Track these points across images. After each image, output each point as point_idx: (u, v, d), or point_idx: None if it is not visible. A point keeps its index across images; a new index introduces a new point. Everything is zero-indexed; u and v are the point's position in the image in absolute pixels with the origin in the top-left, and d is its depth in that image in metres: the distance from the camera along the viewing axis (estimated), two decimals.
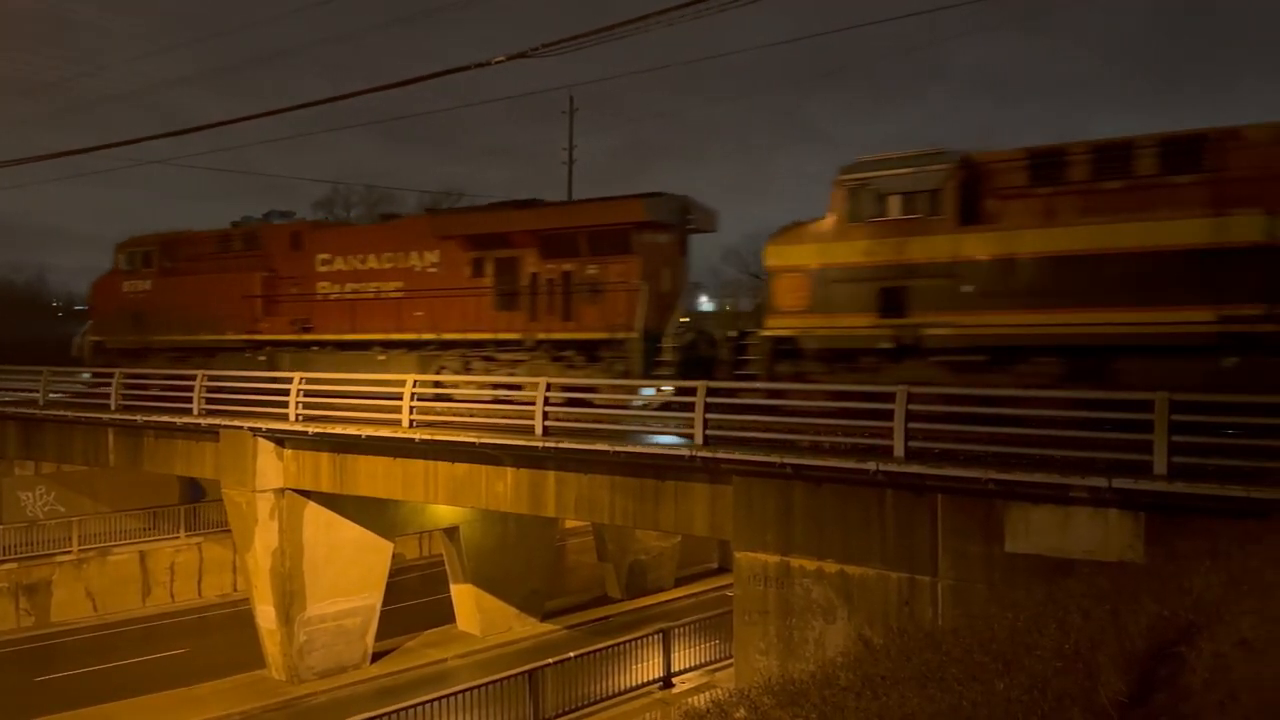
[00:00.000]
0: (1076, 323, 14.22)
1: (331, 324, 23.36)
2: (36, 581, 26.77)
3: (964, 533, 13.06)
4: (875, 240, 15.92)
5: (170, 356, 26.05)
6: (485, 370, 20.67)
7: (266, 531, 21.71)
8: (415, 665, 23.79)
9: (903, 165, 15.89)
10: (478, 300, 20.98)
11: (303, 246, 24.38)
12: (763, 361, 17.04)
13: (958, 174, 15.41)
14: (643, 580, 30.03)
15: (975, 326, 14.99)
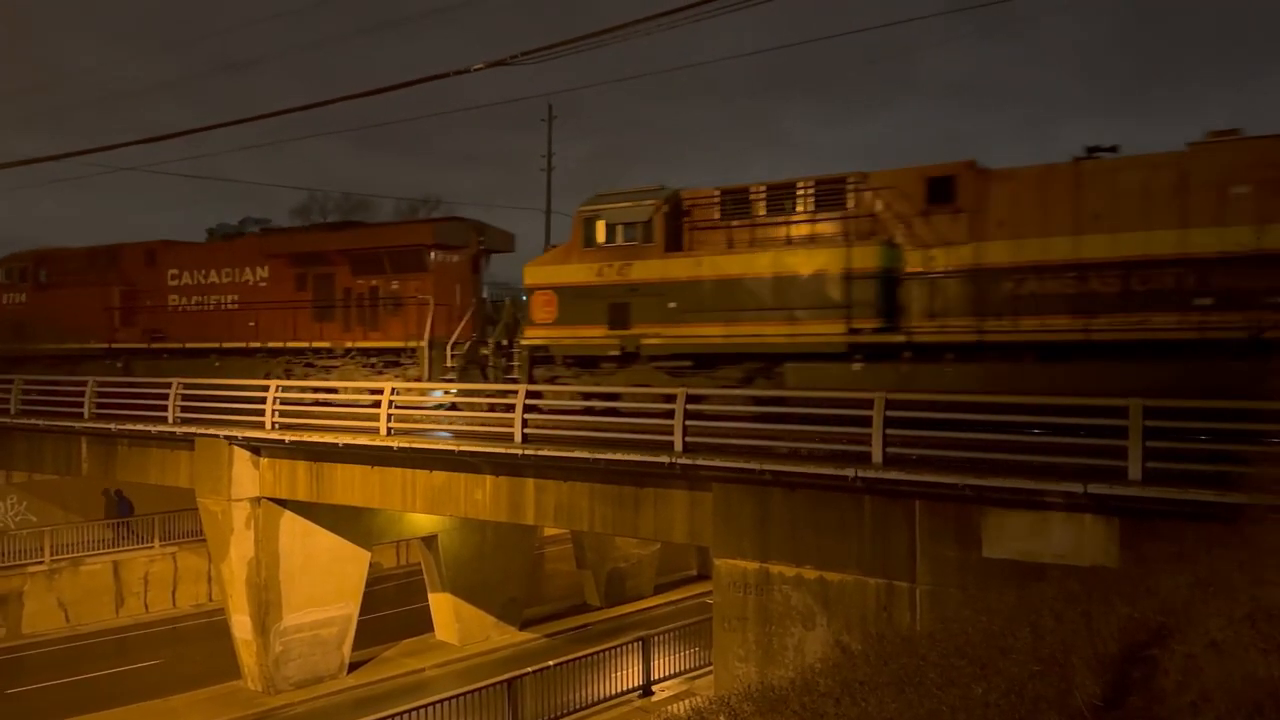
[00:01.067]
0: (751, 334, 16.98)
1: (179, 333, 25.80)
2: (7, 592, 26.39)
3: (941, 538, 13.17)
4: (604, 263, 18.68)
5: (44, 364, 27.88)
6: (304, 375, 22.98)
7: (242, 541, 21.53)
8: (393, 675, 23.65)
9: (624, 200, 18.73)
10: (297, 312, 23.54)
11: (156, 263, 26.67)
12: (523, 367, 19.64)
13: (664, 209, 18.18)
14: (622, 588, 30.01)
15: (679, 337, 17.78)
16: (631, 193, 18.86)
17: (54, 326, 27.74)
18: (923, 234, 15.93)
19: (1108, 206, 14.49)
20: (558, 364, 19.33)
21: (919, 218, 15.99)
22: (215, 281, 25.38)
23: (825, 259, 16.36)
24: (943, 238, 15.75)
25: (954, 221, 15.71)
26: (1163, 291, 13.99)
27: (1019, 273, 15.05)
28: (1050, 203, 15.00)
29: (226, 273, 25.25)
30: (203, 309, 25.51)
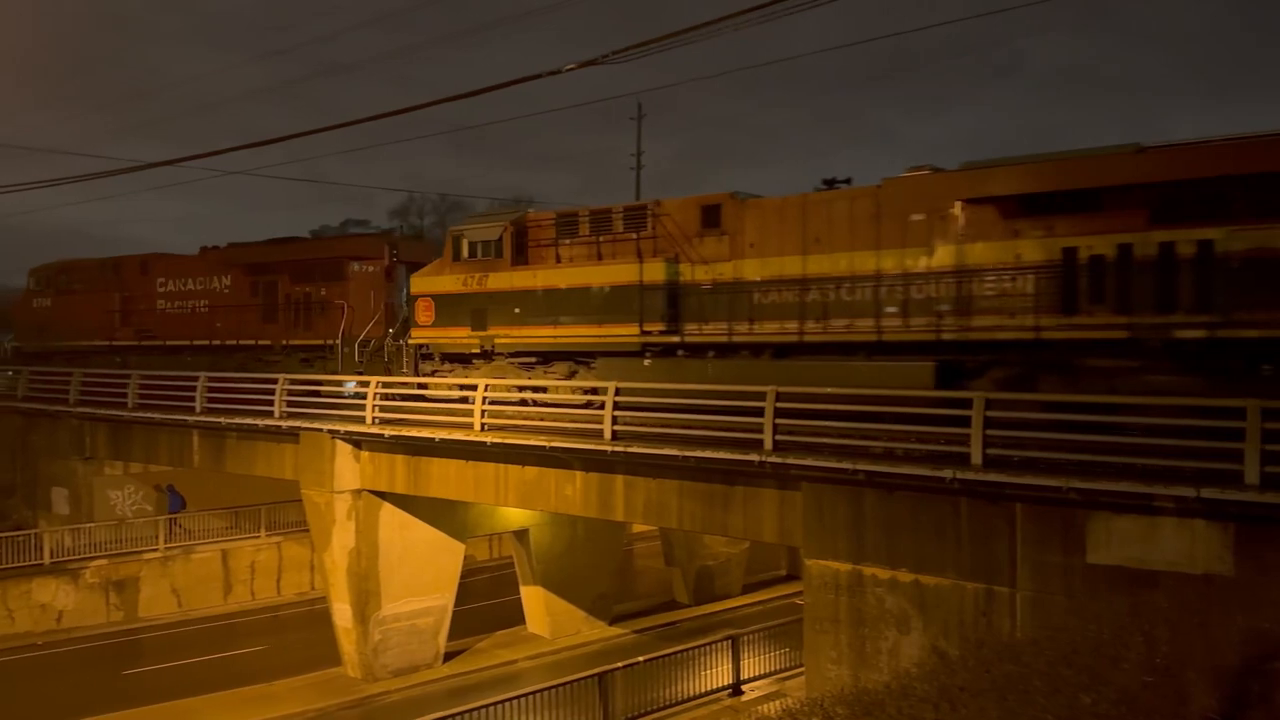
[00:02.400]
0: (572, 335, 20.42)
1: (164, 332, 30.32)
2: (125, 578, 27.76)
3: (1044, 543, 12.77)
4: (467, 275, 22.06)
5: (62, 358, 32.03)
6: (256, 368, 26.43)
7: (344, 531, 22.22)
8: (486, 666, 24.09)
9: (481, 222, 22.51)
10: (250, 314, 28.16)
11: (148, 273, 31.30)
12: (411, 362, 23.11)
13: (510, 229, 21.51)
14: (710, 586, 29.95)
15: (523, 337, 21.23)
16: (488, 215, 23.17)
17: (70, 326, 32.26)
18: (697, 253, 19.21)
19: (825, 232, 17.55)
20: (436, 360, 22.98)
21: (695, 239, 19.23)
22: (192, 288, 30.24)
23: (625, 273, 19.77)
24: (711, 256, 18.97)
25: (719, 243, 18.97)
26: (863, 301, 17.07)
27: (764, 285, 18.26)
28: (786, 228, 18.10)
29: (200, 281, 30.04)
30: (182, 312, 30.30)
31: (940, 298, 16.22)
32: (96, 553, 27.73)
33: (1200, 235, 14.05)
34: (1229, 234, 13.83)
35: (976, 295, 15.87)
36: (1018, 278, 15.49)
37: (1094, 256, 14.88)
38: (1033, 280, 15.32)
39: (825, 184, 18.44)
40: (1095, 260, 14.87)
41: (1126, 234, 14.68)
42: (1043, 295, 15.22)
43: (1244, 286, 13.61)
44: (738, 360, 18.56)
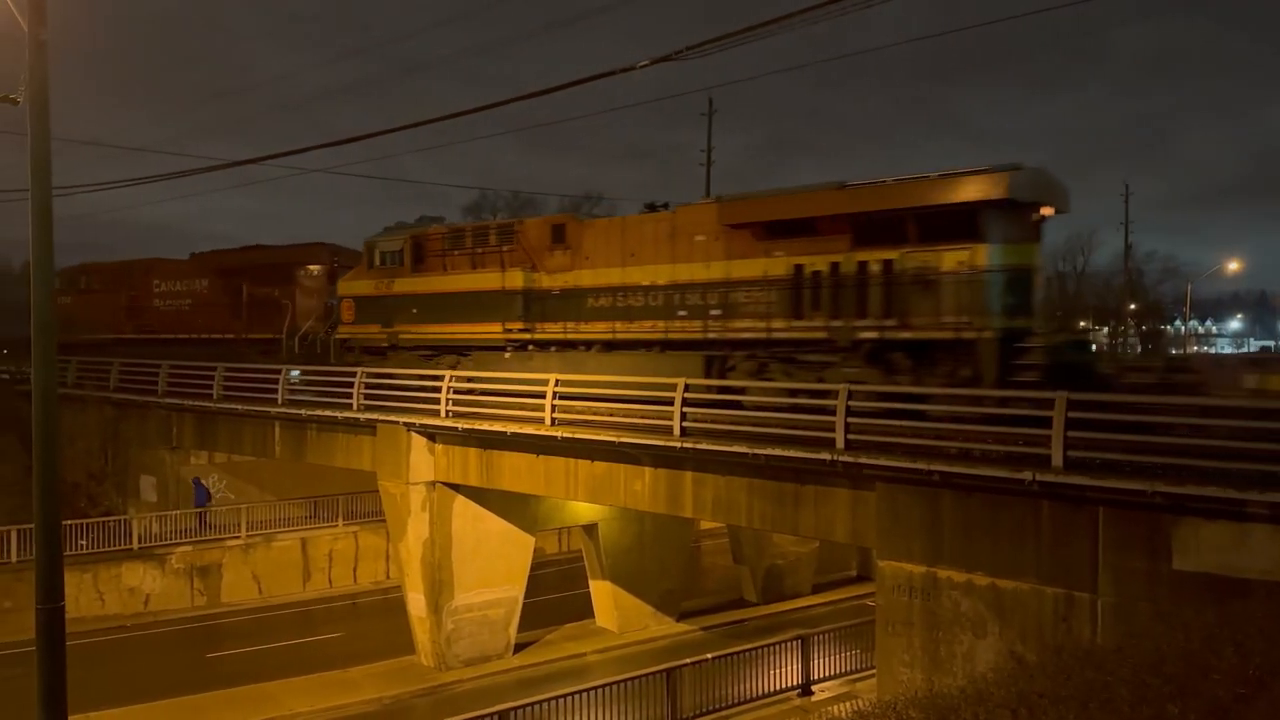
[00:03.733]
0: (453, 331, 24.59)
1: (158, 327, 35.27)
2: (209, 564, 28.74)
3: (1127, 548, 12.40)
4: (378, 280, 26.23)
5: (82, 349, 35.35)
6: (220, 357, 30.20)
7: (418, 522, 22.67)
8: (555, 658, 24.33)
9: (389, 235, 26.42)
10: (221, 311, 33.76)
11: (149, 275, 36.59)
12: (337, 355, 27.63)
13: (410, 241, 25.65)
14: (779, 585, 29.77)
15: (418, 334, 25.38)
16: (395, 229, 26.74)
17: (87, 321, 36.29)
18: (547, 264, 23.00)
19: (638, 248, 21.22)
20: (357, 353, 26.80)
21: (547, 252, 22.95)
22: (180, 289, 35.60)
23: (492, 280, 23.65)
24: (557, 267, 22.81)
25: (564, 256, 22.69)
26: (662, 306, 20.76)
27: (594, 292, 22.00)
28: (610, 245, 21.84)
29: (185, 282, 35.42)
30: (173, 309, 35.47)
31: (711, 304, 19.99)
32: (182, 539, 28.77)
33: (885, 256, 17.36)
34: (903, 255, 17.11)
35: (735, 302, 19.59)
36: (763, 289, 19.17)
37: (814, 272, 18.45)
38: (773, 291, 19.00)
39: (647, 207, 22.08)
40: (814, 275, 18.45)
41: (836, 254, 18.11)
42: (777, 303, 18.91)
43: (913, 297, 16.92)
44: (574, 354, 22.33)
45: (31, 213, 11.08)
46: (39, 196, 11.05)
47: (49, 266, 11.34)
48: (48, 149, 11.10)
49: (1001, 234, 16.41)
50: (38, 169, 11.03)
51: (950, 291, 16.51)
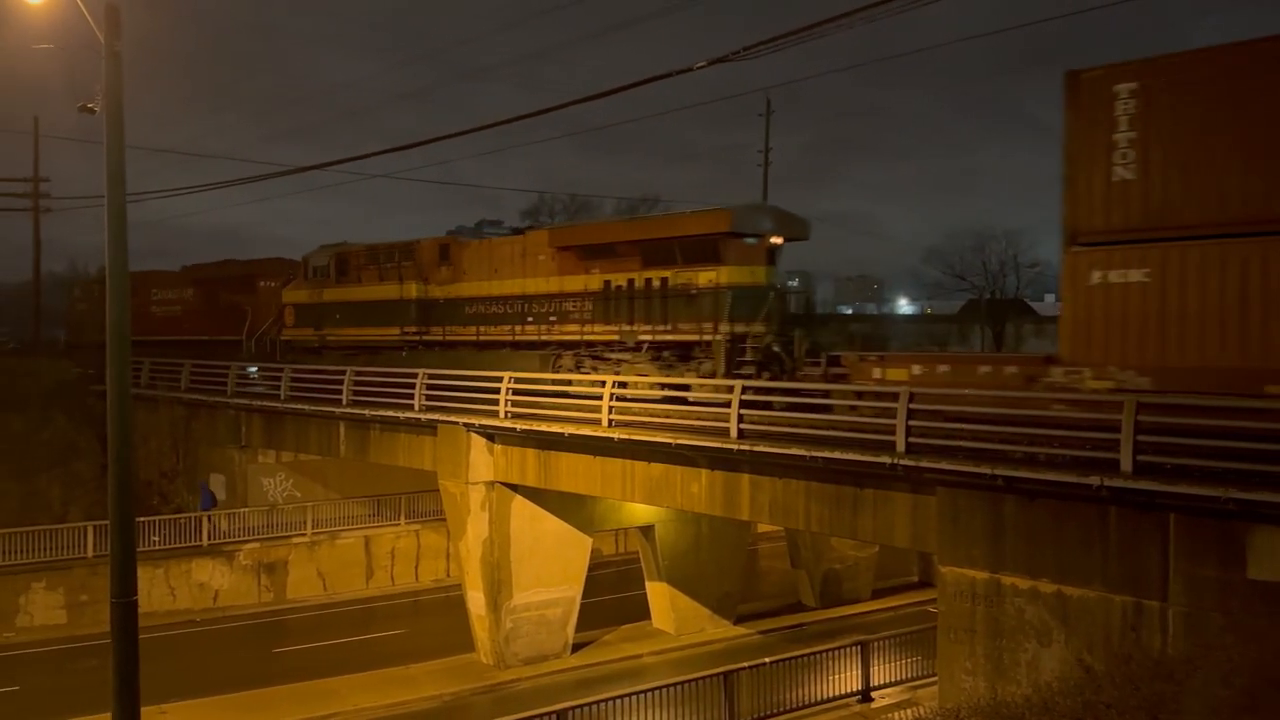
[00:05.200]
0: (366, 334, 29.93)
1: (155, 331, 38.93)
2: (275, 561, 29.40)
3: (1199, 555, 12.02)
4: (311, 290, 32.07)
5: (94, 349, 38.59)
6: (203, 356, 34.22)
7: (478, 521, 22.92)
8: (612, 659, 24.38)
9: (321, 252, 31.99)
10: (202, 317, 38.17)
11: (146, 285, 40.42)
12: (281, 353, 32.85)
13: (335, 257, 31.24)
14: (838, 589, 29.44)
15: (341, 336, 31.05)
16: (327, 246, 32.11)
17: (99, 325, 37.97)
18: (436, 277, 27.79)
19: (501, 265, 26.08)
20: (297, 352, 32.10)
21: (435, 267, 27.88)
22: (173, 297, 40.34)
23: (394, 291, 28.78)
24: (444, 280, 27.61)
25: (448, 271, 27.59)
26: (515, 313, 25.45)
27: (470, 301, 26.87)
28: (481, 261, 26.73)
29: (176, 291, 40.23)
30: (166, 314, 40.16)
31: (549, 311, 24.64)
32: (250, 536, 29.47)
33: (662, 274, 22.19)
34: (674, 274, 21.93)
35: (565, 310, 24.27)
36: (583, 300, 23.78)
37: (616, 286, 23.06)
38: (589, 301, 23.69)
39: (513, 230, 27.49)
40: (616, 289, 23.07)
41: (631, 273, 22.83)
42: (592, 311, 23.57)
43: (680, 307, 21.76)
44: (455, 352, 26.84)
45: (107, 218, 11.47)
46: (114, 202, 11.44)
47: (124, 271, 11.73)
48: (122, 156, 11.48)
49: (736, 258, 21.21)
50: (113, 176, 11.41)
51: (701, 303, 21.35)
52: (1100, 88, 15.10)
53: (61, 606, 26.31)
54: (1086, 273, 15.35)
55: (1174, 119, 14.50)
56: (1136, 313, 14.83)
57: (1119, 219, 15.06)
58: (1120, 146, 14.96)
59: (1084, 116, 15.36)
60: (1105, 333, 15.13)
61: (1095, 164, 15.22)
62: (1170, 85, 14.57)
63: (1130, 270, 14.93)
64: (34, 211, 45.73)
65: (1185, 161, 14.42)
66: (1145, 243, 14.74)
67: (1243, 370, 13.60)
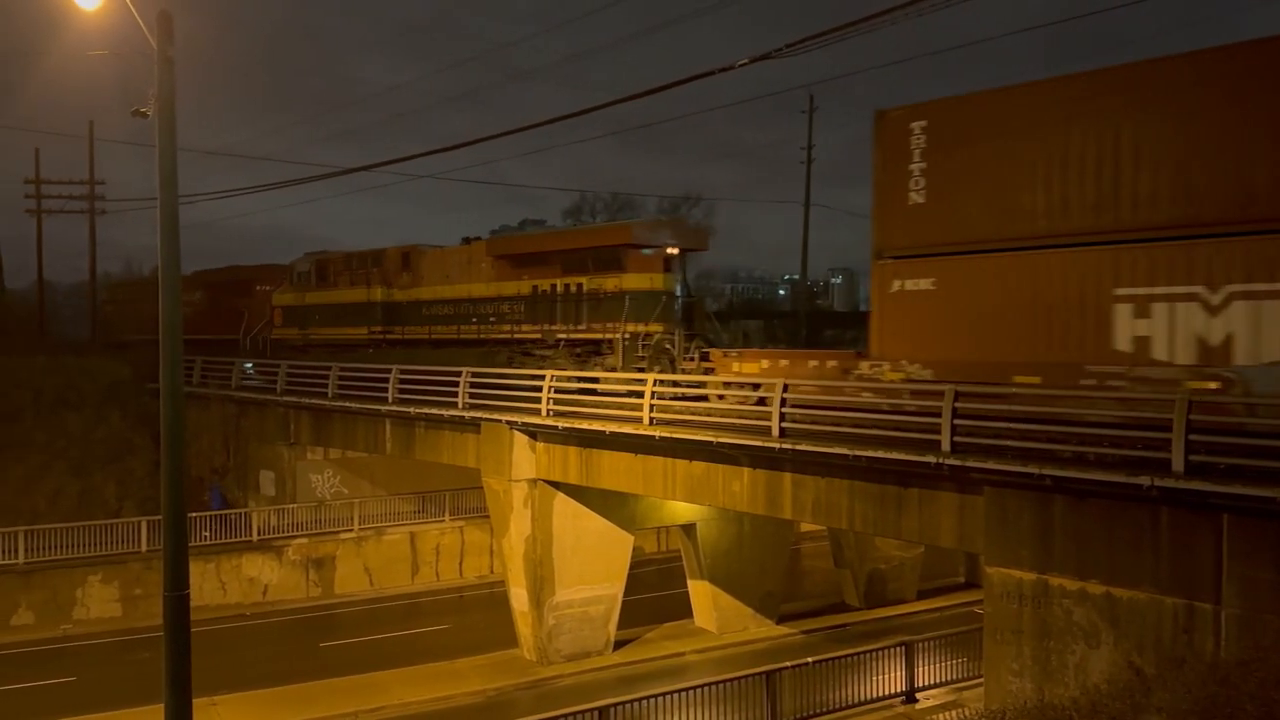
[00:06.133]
0: (341, 333, 33.73)
1: None
2: (323, 556, 29.88)
3: (1254, 557, 11.73)
4: (296, 293, 36.19)
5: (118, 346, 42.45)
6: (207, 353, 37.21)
7: (520, 518, 23.08)
8: (654, 656, 24.42)
9: (304, 258, 36.11)
10: (207, 317, 41.05)
11: None
12: (271, 351, 36.26)
13: (315, 264, 35.20)
14: (882, 590, 29.19)
15: (320, 334, 34.86)
16: (310, 254, 36.32)
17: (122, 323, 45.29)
18: (399, 282, 31.66)
19: (450, 272, 29.70)
20: (285, 350, 35.41)
21: (400, 273, 31.63)
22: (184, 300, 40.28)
23: (363, 294, 32.66)
24: (406, 285, 31.38)
25: (409, 276, 31.31)
26: (466, 314, 28.80)
27: (426, 303, 30.46)
28: (437, 267, 30.39)
29: (187, 294, 40.31)
30: None
31: (488, 313, 27.95)
32: (298, 532, 29.97)
33: (579, 280, 25.19)
34: (588, 280, 24.93)
35: (501, 312, 27.63)
36: (515, 303, 27.18)
37: (542, 291, 26.26)
38: (520, 304, 27.01)
39: (463, 240, 29.79)
40: (542, 293, 26.25)
41: (554, 279, 25.90)
42: (522, 313, 26.91)
43: (592, 309, 24.78)
44: (414, 350, 30.02)
45: (159, 220, 11.72)
46: (166, 204, 11.68)
47: (176, 271, 11.97)
48: (174, 159, 11.72)
49: (636, 267, 24.26)
50: (165, 178, 11.66)
51: (607, 306, 24.33)
52: (900, 125, 17.80)
53: (116, 600, 26.98)
54: (889, 281, 18.14)
55: (948, 153, 17.25)
56: (924, 315, 17.56)
57: (913, 236, 17.77)
58: (914, 175, 17.67)
59: (888, 149, 18.10)
60: (900, 332, 17.94)
61: (897, 190, 17.88)
62: (947, 124, 17.33)
63: (920, 280, 17.64)
64: (90, 214, 46.96)
65: (955, 189, 17.12)
66: (931, 257, 17.46)
67: (998, 363, 16.22)
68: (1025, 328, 16.21)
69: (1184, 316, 14.56)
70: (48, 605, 26.29)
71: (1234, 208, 13.96)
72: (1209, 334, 14.34)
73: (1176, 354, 14.64)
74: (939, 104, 17.65)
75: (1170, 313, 14.71)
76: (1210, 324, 14.31)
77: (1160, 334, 14.82)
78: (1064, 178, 15.82)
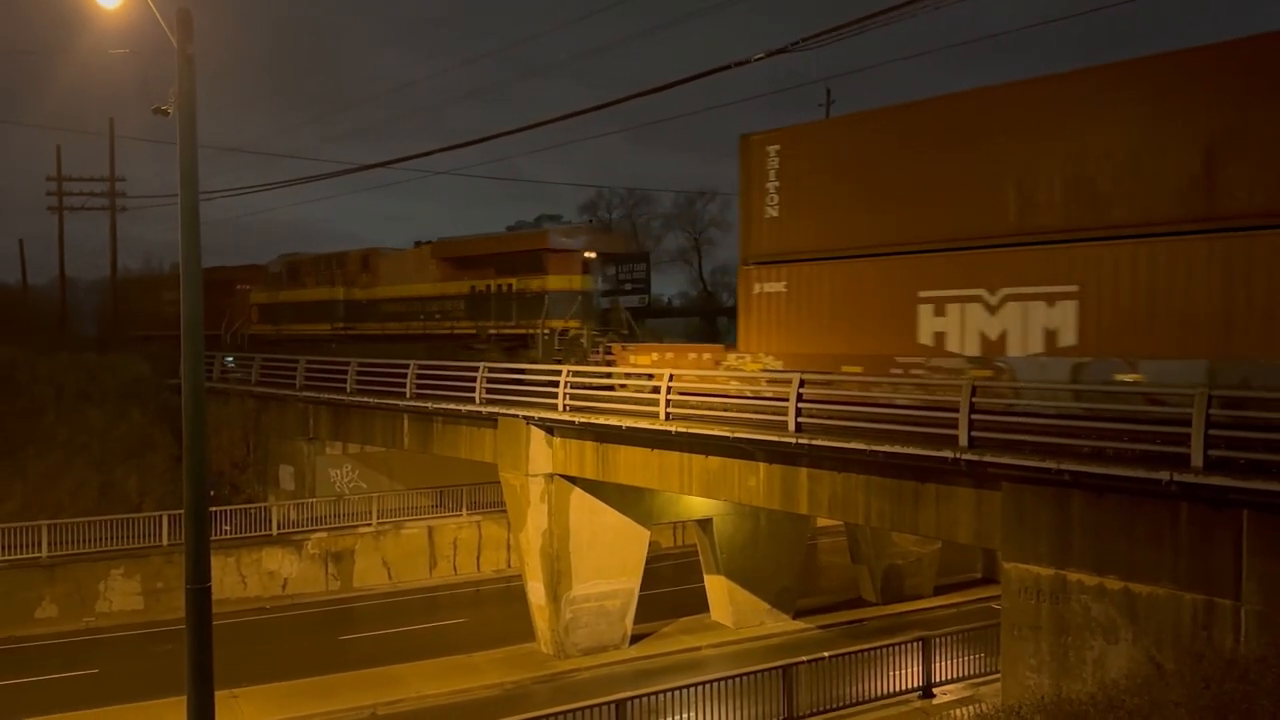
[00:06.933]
0: (309, 329, 37.61)
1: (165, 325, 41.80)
2: (342, 550, 30.08)
3: (1274, 553, 11.65)
4: (271, 292, 40.42)
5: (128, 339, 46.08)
6: None
7: (537, 513, 23.17)
8: (671, 651, 24.47)
9: (278, 260, 40.17)
10: None
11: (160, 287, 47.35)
12: (249, 345, 38.71)
13: (287, 265, 39.01)
14: (899, 585, 29.13)
15: (292, 330, 38.42)
16: (284, 255, 40.05)
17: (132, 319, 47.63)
18: (359, 282, 35.15)
19: (405, 272, 33.27)
20: (262, 344, 37.95)
21: (360, 274, 35.27)
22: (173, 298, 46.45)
23: (327, 293, 36.10)
24: (366, 284, 35.05)
25: (369, 277, 34.98)
26: (416, 311, 32.51)
27: (382, 302, 34.01)
28: (392, 269, 34.06)
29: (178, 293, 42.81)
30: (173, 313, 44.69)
31: (434, 310, 31.67)
32: (317, 526, 30.18)
33: (509, 281, 29.02)
34: (517, 280, 28.69)
35: (445, 310, 31.05)
36: (456, 301, 30.83)
37: (480, 290, 29.88)
38: (461, 302, 30.74)
39: (415, 244, 33.78)
40: (481, 292, 29.84)
41: (491, 280, 29.69)
42: (462, 311, 30.60)
43: (519, 307, 28.45)
44: (371, 344, 33.25)
45: (180, 216, 11.84)
46: (187, 200, 11.80)
47: (197, 267, 12.10)
48: (194, 156, 11.83)
49: (556, 269, 27.80)
50: (185, 175, 11.77)
51: (531, 304, 27.83)
52: (759, 148, 20.50)
53: (139, 593, 27.26)
54: (751, 285, 20.91)
55: (796, 174, 19.96)
56: (778, 314, 20.34)
57: (770, 246, 20.51)
58: (770, 192, 20.32)
59: (750, 169, 20.78)
60: (760, 328, 20.72)
61: (757, 205, 20.62)
62: (795, 148, 20.01)
63: (775, 284, 20.37)
64: (111, 210, 47.38)
65: (800, 205, 19.86)
66: (783, 263, 20.21)
67: (832, 355, 19.15)
68: (851, 325, 19.08)
69: (971, 315, 17.20)
70: (71, 598, 26.61)
71: (1001, 225, 16.67)
72: (989, 330, 16.97)
73: (965, 347, 17.26)
74: (789, 130, 20.50)
75: (961, 312, 17.39)
76: (990, 321, 16.97)
77: (953, 330, 17.53)
78: (880, 198, 18.56)
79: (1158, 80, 14.77)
